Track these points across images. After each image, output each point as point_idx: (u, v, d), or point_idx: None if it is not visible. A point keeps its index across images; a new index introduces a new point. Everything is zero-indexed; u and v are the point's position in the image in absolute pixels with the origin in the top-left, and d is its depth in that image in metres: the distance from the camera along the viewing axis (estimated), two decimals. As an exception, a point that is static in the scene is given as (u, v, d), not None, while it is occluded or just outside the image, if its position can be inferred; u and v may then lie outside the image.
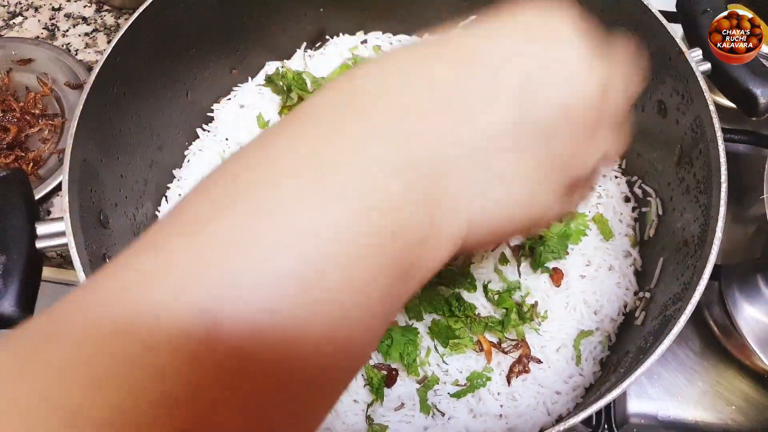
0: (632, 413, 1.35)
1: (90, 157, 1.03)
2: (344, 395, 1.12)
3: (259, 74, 1.44)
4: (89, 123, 1.03)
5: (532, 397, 1.12)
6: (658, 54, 1.11)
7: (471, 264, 1.20)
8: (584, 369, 1.14)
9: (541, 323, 1.16)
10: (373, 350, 1.14)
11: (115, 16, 1.65)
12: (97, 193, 1.06)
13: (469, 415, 1.11)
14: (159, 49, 1.19)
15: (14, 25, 1.63)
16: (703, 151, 1.02)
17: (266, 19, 1.36)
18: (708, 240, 0.91)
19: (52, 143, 1.44)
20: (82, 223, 0.97)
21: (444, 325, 1.15)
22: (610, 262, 1.21)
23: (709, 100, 1.00)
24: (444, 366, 1.14)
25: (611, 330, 1.17)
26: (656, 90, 1.15)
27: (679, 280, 0.99)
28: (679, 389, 1.37)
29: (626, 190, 1.28)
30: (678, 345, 1.40)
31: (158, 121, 1.26)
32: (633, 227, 1.25)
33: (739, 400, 1.37)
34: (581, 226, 1.23)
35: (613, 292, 1.19)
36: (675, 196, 1.13)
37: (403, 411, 1.11)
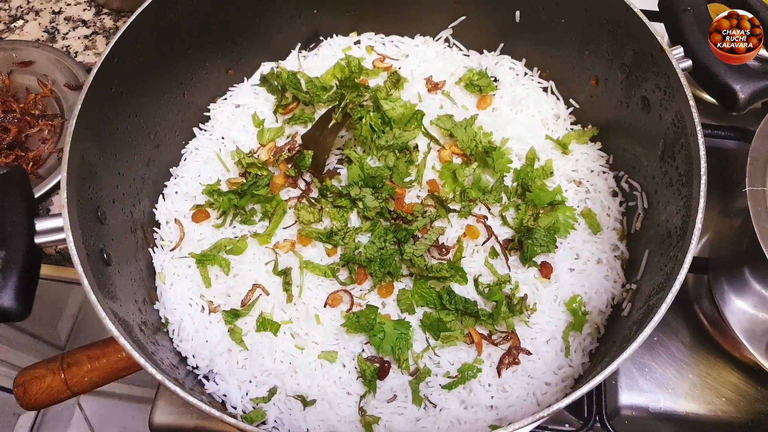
0: (623, 405, 1.37)
1: (88, 155, 1.06)
2: (337, 387, 1.14)
3: (254, 75, 1.47)
4: (88, 120, 1.05)
5: (522, 388, 1.14)
6: (640, 52, 1.14)
7: (462, 258, 1.22)
8: (573, 360, 1.17)
9: (531, 315, 1.18)
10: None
11: (113, 19, 1.68)
12: (95, 190, 1.08)
13: (461, 407, 1.13)
14: (156, 49, 1.22)
15: (15, 28, 1.66)
16: (684, 144, 1.04)
17: (261, 20, 1.39)
18: (689, 231, 0.93)
19: (52, 143, 1.47)
20: (80, 218, 0.99)
21: (435, 318, 1.17)
22: (598, 255, 1.24)
23: (690, 95, 1.02)
24: (436, 358, 1.16)
25: (600, 322, 1.20)
26: (640, 87, 1.17)
27: (663, 270, 1.02)
28: (670, 381, 1.40)
29: (613, 184, 1.30)
30: (668, 338, 1.43)
31: (155, 119, 1.29)
32: (620, 221, 1.28)
33: (729, 391, 1.39)
34: (570, 220, 1.26)
35: (601, 284, 1.21)
36: (659, 189, 1.15)
37: (395, 403, 1.13)
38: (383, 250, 1.22)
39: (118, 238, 1.14)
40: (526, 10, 1.35)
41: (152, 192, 1.31)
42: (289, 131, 1.39)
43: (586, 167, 1.33)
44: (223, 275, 1.24)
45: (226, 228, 1.29)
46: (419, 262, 1.20)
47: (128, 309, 1.06)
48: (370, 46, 1.48)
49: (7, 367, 2.55)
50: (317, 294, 1.21)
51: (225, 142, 1.39)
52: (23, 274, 0.93)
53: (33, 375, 1.16)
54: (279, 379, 1.15)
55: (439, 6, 1.42)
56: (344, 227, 1.24)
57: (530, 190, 1.27)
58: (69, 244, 0.93)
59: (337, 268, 1.23)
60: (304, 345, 1.17)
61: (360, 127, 1.30)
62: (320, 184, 1.28)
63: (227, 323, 1.19)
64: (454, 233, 1.25)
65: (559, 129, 1.38)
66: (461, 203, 1.27)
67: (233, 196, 1.28)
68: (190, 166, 1.37)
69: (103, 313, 0.89)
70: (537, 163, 1.31)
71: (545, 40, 1.36)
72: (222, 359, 1.17)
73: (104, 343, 1.20)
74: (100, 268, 1.02)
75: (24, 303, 0.93)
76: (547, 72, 1.41)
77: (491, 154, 1.29)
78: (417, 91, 1.40)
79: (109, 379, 1.20)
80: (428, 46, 1.47)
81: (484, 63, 1.44)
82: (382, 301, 1.20)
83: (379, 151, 1.30)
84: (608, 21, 1.19)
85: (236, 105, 1.43)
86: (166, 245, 1.28)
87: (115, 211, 1.15)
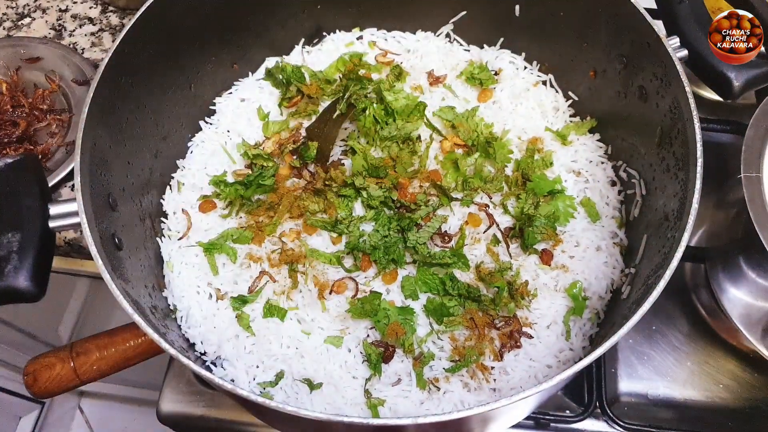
0: (623, 392, 1.40)
1: (100, 142, 1.08)
2: (342, 371, 1.16)
3: (259, 69, 1.49)
4: (99, 108, 1.08)
5: (524, 370, 1.16)
6: (638, 42, 1.17)
7: (464, 246, 1.25)
8: (574, 344, 1.19)
9: (532, 301, 1.21)
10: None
11: (119, 17, 1.71)
12: (106, 177, 1.11)
13: (464, 390, 1.15)
14: (164, 42, 1.25)
15: (22, 25, 1.69)
16: (680, 130, 1.07)
17: (266, 16, 1.42)
18: (686, 210, 0.96)
19: (60, 137, 1.49)
20: (93, 203, 1.02)
21: (438, 303, 1.20)
22: (597, 243, 1.26)
23: (686, 82, 1.05)
24: (439, 342, 1.18)
25: (600, 307, 1.22)
26: (637, 76, 1.21)
27: (660, 252, 1.05)
28: (669, 369, 1.42)
29: (612, 174, 1.33)
30: (667, 327, 1.45)
31: (163, 112, 1.31)
32: (619, 209, 1.30)
33: (727, 379, 1.41)
34: (569, 208, 1.29)
35: (600, 270, 1.24)
36: (657, 175, 1.18)
37: (400, 386, 1.15)
38: (387, 238, 1.24)
39: (129, 226, 1.17)
40: (525, 4, 1.38)
41: (160, 183, 1.33)
42: (294, 124, 1.41)
43: (585, 158, 1.35)
44: (230, 263, 1.26)
45: (233, 218, 1.31)
46: (422, 250, 1.22)
47: (139, 292, 1.09)
48: (373, 41, 1.51)
49: (9, 369, 2.56)
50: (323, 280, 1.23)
51: (230, 135, 1.42)
52: (38, 257, 0.96)
53: (43, 363, 1.18)
54: (286, 363, 1.17)
55: (439, 2, 1.45)
56: (349, 216, 1.27)
57: (530, 180, 1.30)
58: (83, 225, 0.96)
59: (342, 255, 1.25)
60: (310, 330, 1.19)
61: (363, 118, 1.33)
62: (325, 174, 1.31)
63: (235, 309, 1.21)
64: (457, 221, 1.28)
65: (559, 121, 1.41)
66: (463, 192, 1.30)
67: (239, 186, 1.31)
68: (197, 158, 1.39)
69: (117, 291, 0.91)
70: (537, 155, 1.34)
71: (544, 34, 1.39)
72: (230, 345, 1.19)
73: (112, 332, 1.21)
74: (112, 251, 1.04)
75: (39, 284, 0.95)
76: (546, 65, 1.44)
77: (492, 144, 1.32)
78: (419, 84, 1.43)
79: (117, 367, 1.22)
80: (429, 41, 1.50)
81: (484, 57, 1.47)
82: (387, 287, 1.23)
83: (383, 141, 1.33)
84: (606, 12, 1.22)
85: (241, 99, 1.46)
86: (173, 235, 1.30)
87: (125, 200, 1.17)
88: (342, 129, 1.35)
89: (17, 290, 0.94)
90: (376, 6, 1.49)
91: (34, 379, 1.18)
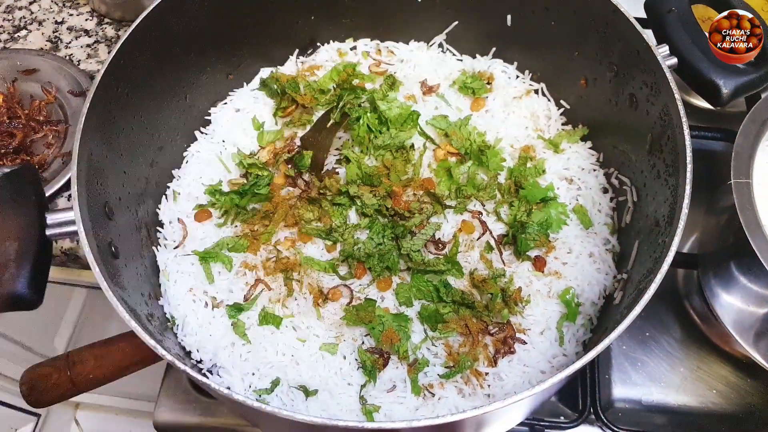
0: (617, 398, 1.40)
1: (96, 152, 1.09)
2: (338, 378, 1.17)
3: (254, 80, 1.51)
4: (96, 117, 1.09)
5: (518, 376, 1.17)
6: (628, 50, 1.19)
7: (457, 253, 1.26)
8: (567, 349, 1.20)
9: (525, 307, 1.22)
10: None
11: (115, 29, 1.72)
12: (102, 187, 1.12)
13: (459, 395, 1.16)
14: (159, 53, 1.26)
15: (19, 38, 1.70)
16: (670, 137, 1.08)
17: (260, 27, 1.43)
18: (676, 215, 0.98)
19: (56, 148, 1.50)
20: (90, 212, 1.03)
21: (433, 310, 1.21)
22: (590, 249, 1.27)
23: (675, 89, 1.07)
24: (433, 349, 1.19)
25: (593, 313, 1.23)
26: (627, 85, 1.22)
27: (651, 257, 1.06)
28: (662, 375, 1.43)
29: (604, 181, 1.35)
30: (660, 334, 1.46)
31: (159, 122, 1.32)
32: (611, 216, 1.32)
33: (720, 384, 1.42)
34: (562, 215, 1.30)
35: (593, 276, 1.25)
36: (648, 182, 1.19)
37: (395, 393, 1.16)
38: (381, 245, 1.25)
39: (125, 235, 1.17)
40: (517, 14, 1.39)
41: (156, 192, 1.34)
42: (289, 133, 1.43)
43: (577, 165, 1.37)
44: (226, 272, 1.27)
45: (228, 227, 1.32)
46: (416, 257, 1.23)
47: (136, 301, 1.09)
48: (366, 51, 1.52)
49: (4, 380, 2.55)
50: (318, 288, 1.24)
51: (226, 144, 1.43)
52: (35, 264, 0.97)
53: (39, 373, 1.19)
54: (281, 370, 1.18)
55: (432, 12, 1.47)
56: (343, 224, 1.28)
57: (523, 187, 1.31)
58: (80, 234, 0.97)
59: (337, 263, 1.26)
60: (305, 337, 1.20)
61: (357, 127, 1.35)
62: (319, 183, 1.32)
63: (230, 317, 1.22)
64: (450, 229, 1.29)
65: (551, 129, 1.43)
66: (457, 200, 1.31)
67: (235, 196, 1.32)
68: (192, 167, 1.40)
69: (114, 299, 0.92)
70: (530, 163, 1.35)
71: (536, 44, 1.41)
72: (225, 353, 1.20)
73: (109, 341, 1.22)
74: (108, 260, 1.05)
75: (37, 291, 0.97)
76: (538, 74, 1.46)
77: (485, 152, 1.34)
78: (412, 94, 1.44)
79: (114, 376, 1.22)
80: (422, 51, 1.52)
81: (477, 67, 1.49)
82: (381, 294, 1.24)
83: (377, 150, 1.34)
84: (596, 22, 1.24)
85: (236, 109, 1.47)
86: (169, 244, 1.31)
87: (121, 209, 1.18)
88: (336, 138, 1.36)
89: (16, 297, 0.95)
90: (370, 17, 1.50)
91: (31, 388, 1.18)
